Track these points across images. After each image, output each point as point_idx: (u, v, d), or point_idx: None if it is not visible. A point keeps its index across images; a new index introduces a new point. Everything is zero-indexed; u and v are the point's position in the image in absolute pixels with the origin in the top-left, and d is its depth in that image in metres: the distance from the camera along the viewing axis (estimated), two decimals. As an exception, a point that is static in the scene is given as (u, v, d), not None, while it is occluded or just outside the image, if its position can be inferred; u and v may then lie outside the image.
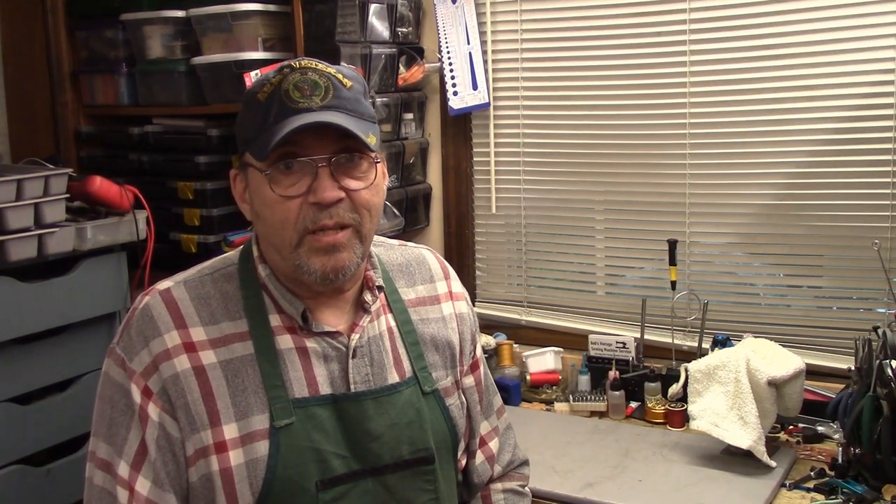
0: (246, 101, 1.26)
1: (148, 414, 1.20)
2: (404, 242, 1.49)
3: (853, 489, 1.77)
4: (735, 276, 2.43)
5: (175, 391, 1.20)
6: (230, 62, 2.38)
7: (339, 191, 1.20)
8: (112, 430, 1.22)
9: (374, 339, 1.31)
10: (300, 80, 1.21)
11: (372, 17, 2.46)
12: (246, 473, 1.19)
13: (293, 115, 1.18)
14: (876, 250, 2.05)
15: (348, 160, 1.22)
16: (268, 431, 1.21)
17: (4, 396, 1.99)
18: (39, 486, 2.05)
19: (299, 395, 1.23)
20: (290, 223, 1.21)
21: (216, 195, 2.50)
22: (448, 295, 1.45)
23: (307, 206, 1.20)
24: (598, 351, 2.40)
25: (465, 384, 1.45)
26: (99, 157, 2.73)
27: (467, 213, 2.73)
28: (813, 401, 2.10)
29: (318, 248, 1.21)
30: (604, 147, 2.52)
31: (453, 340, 1.41)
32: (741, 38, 2.27)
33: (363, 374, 1.28)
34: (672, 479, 1.89)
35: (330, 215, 1.20)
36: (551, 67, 2.56)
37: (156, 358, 1.21)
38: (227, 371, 1.22)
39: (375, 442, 1.26)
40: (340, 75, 1.24)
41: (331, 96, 1.21)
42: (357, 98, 1.24)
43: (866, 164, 2.18)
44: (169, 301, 1.25)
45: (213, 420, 1.20)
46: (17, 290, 1.99)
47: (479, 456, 1.47)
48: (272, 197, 1.21)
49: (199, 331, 1.23)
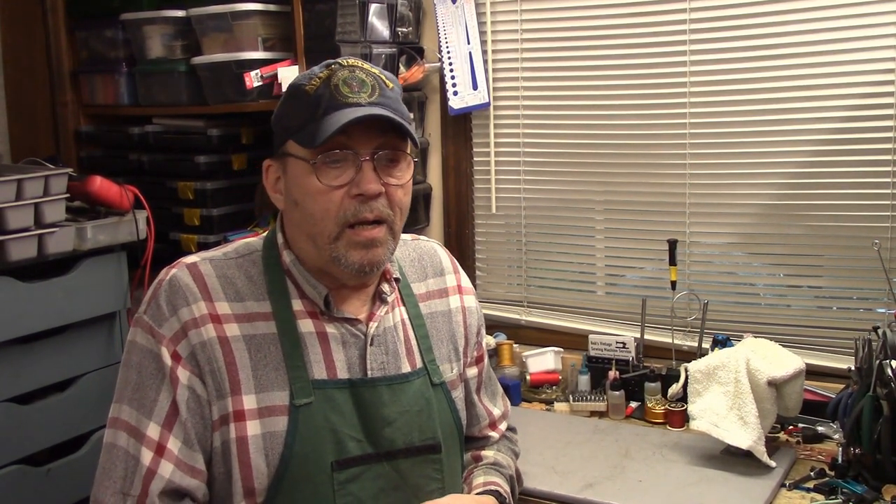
0: (291, 92, 1.30)
1: (178, 377, 1.23)
2: (416, 236, 1.54)
3: (853, 489, 1.77)
4: (735, 276, 2.43)
5: (203, 357, 1.24)
6: (230, 62, 2.38)
7: (380, 185, 1.25)
8: (140, 394, 1.24)
9: (389, 330, 1.36)
10: (349, 77, 1.25)
11: (372, 16, 2.46)
12: (262, 444, 1.23)
13: (343, 108, 1.23)
14: (876, 250, 2.05)
15: (390, 157, 1.27)
16: (287, 408, 1.24)
17: (4, 396, 1.99)
18: (39, 486, 2.05)
19: (318, 376, 1.28)
20: (331, 214, 1.25)
21: (216, 195, 2.50)
22: (456, 288, 1.50)
23: (348, 198, 1.24)
24: (598, 351, 2.40)
25: (468, 374, 1.50)
26: (99, 157, 2.73)
27: (467, 213, 2.73)
28: (813, 401, 2.10)
29: (358, 242, 1.26)
30: (604, 147, 2.52)
31: (459, 333, 1.46)
32: (741, 38, 2.27)
33: (379, 361, 1.32)
34: (672, 479, 1.89)
35: (370, 209, 1.25)
36: (551, 67, 2.56)
37: (185, 325, 1.24)
38: (249, 345, 1.26)
39: (389, 427, 1.29)
40: (384, 77, 1.29)
41: (377, 94, 1.26)
42: (398, 99, 1.30)
43: (866, 164, 2.18)
44: (196, 274, 1.29)
45: (234, 389, 1.24)
46: (17, 290, 1.99)
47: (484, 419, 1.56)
48: (317, 187, 1.24)
49: (224, 305, 1.27)
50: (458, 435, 1.41)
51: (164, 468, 1.20)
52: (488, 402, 1.56)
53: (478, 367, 1.53)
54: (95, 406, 2.14)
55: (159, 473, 1.20)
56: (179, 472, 1.21)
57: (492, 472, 1.48)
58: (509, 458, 1.56)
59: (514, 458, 1.59)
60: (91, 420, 2.16)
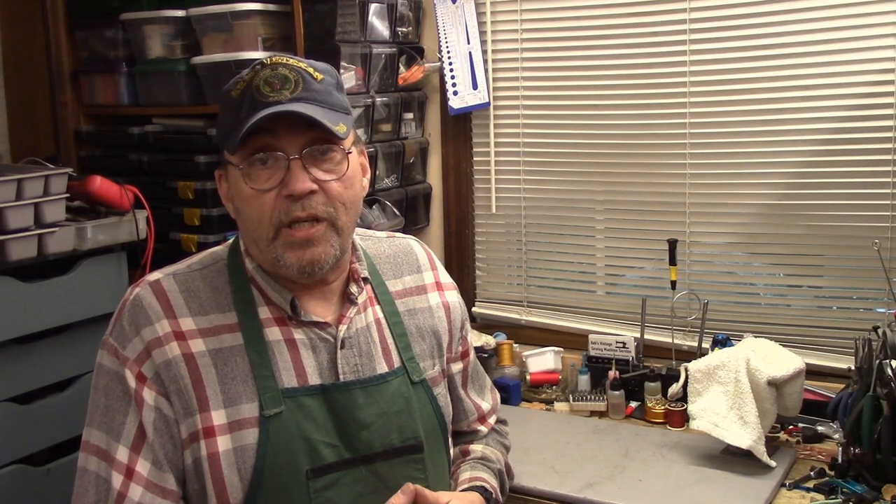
0: (221, 99, 1.29)
1: (143, 398, 1.22)
2: (392, 234, 1.52)
3: (853, 489, 1.77)
4: (735, 275, 2.43)
5: (168, 376, 1.23)
6: (230, 62, 2.37)
7: (310, 182, 1.23)
8: (108, 418, 1.24)
9: (361, 331, 1.34)
10: (270, 76, 1.23)
11: (372, 16, 2.46)
12: (234, 459, 1.22)
13: (262, 108, 1.21)
14: (876, 250, 2.05)
15: (321, 152, 1.24)
16: (257, 420, 1.23)
17: (4, 396, 1.98)
18: (39, 486, 2.05)
19: (288, 384, 1.26)
20: (265, 217, 1.24)
21: (216, 195, 2.45)
22: (435, 285, 1.48)
23: (281, 199, 1.23)
24: (598, 351, 2.40)
25: (453, 370, 1.48)
26: (99, 156, 2.73)
27: (467, 213, 2.73)
28: (813, 401, 2.10)
29: (293, 242, 1.24)
30: (604, 147, 2.52)
31: (440, 330, 1.44)
32: (741, 38, 2.27)
33: (352, 364, 1.31)
34: (672, 479, 1.89)
35: (302, 207, 1.23)
36: (551, 67, 2.56)
37: (148, 345, 1.24)
38: (215, 359, 1.25)
39: (365, 430, 1.28)
40: (311, 69, 1.26)
41: (300, 89, 1.23)
42: (328, 90, 1.26)
43: (866, 164, 2.18)
44: (159, 291, 1.28)
45: (202, 406, 1.22)
46: (17, 289, 1.99)
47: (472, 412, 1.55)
48: (247, 191, 1.24)
49: (188, 321, 1.26)
50: (442, 432, 1.39)
51: (133, 491, 1.19)
52: (476, 397, 1.55)
53: (463, 362, 1.51)
54: (95, 406, 2.14)
55: (129, 497, 1.19)
56: (150, 495, 1.20)
57: (479, 466, 1.47)
58: (498, 451, 1.55)
59: (504, 451, 1.58)
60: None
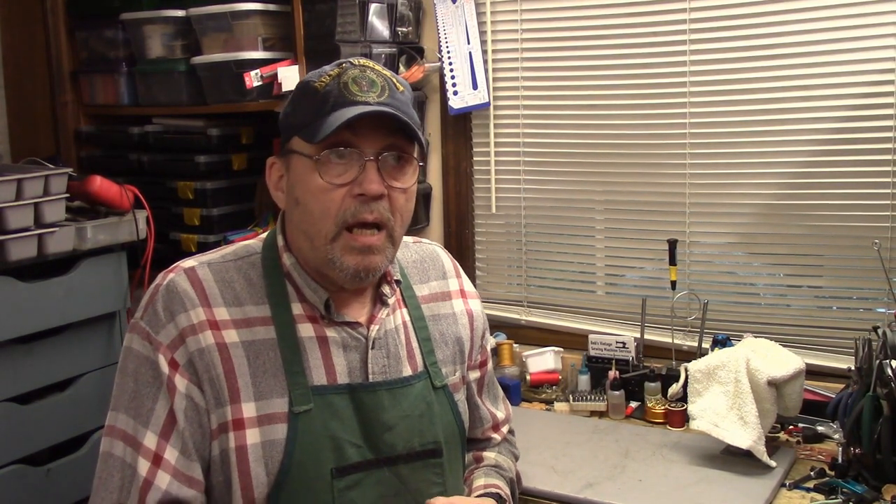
0: (300, 89, 1.28)
1: (175, 385, 1.21)
2: (419, 239, 1.53)
3: (853, 489, 1.77)
4: (735, 276, 2.43)
5: (201, 364, 1.22)
6: (230, 62, 2.38)
7: (383, 186, 1.23)
8: (137, 402, 1.22)
9: (390, 332, 1.34)
10: (359, 76, 1.24)
11: (372, 16, 2.46)
12: (262, 453, 1.21)
13: (351, 105, 1.21)
14: (876, 250, 2.05)
15: (395, 160, 1.25)
16: (286, 415, 1.23)
17: (4, 396, 1.99)
18: (39, 486, 2.05)
19: (318, 382, 1.26)
20: (331, 213, 1.23)
21: (216, 195, 2.50)
22: (460, 293, 1.49)
23: (350, 198, 1.22)
24: (598, 351, 2.40)
25: (471, 377, 1.49)
26: (99, 156, 2.73)
27: (467, 213, 2.73)
28: (813, 401, 2.10)
29: (354, 247, 1.24)
30: (604, 147, 2.51)
31: (463, 337, 1.45)
32: (741, 38, 2.27)
33: (381, 365, 1.31)
34: (672, 479, 1.89)
35: (371, 209, 1.23)
36: (551, 67, 2.56)
37: (182, 332, 1.22)
38: (248, 351, 1.24)
39: (389, 432, 1.28)
40: (395, 79, 1.28)
41: (387, 95, 1.24)
42: (408, 102, 1.28)
43: (866, 164, 2.18)
44: (194, 279, 1.27)
45: (233, 397, 1.22)
46: (17, 289, 1.99)
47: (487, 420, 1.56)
48: (318, 184, 1.22)
49: (222, 311, 1.25)
50: (461, 438, 1.40)
51: (160, 479, 1.18)
52: (490, 405, 1.56)
53: (481, 371, 1.52)
54: (95, 406, 2.14)
55: (156, 484, 1.18)
56: (177, 483, 1.19)
57: (493, 473, 1.47)
58: (510, 460, 1.56)
59: (515, 460, 1.59)
60: (91, 420, 2.16)
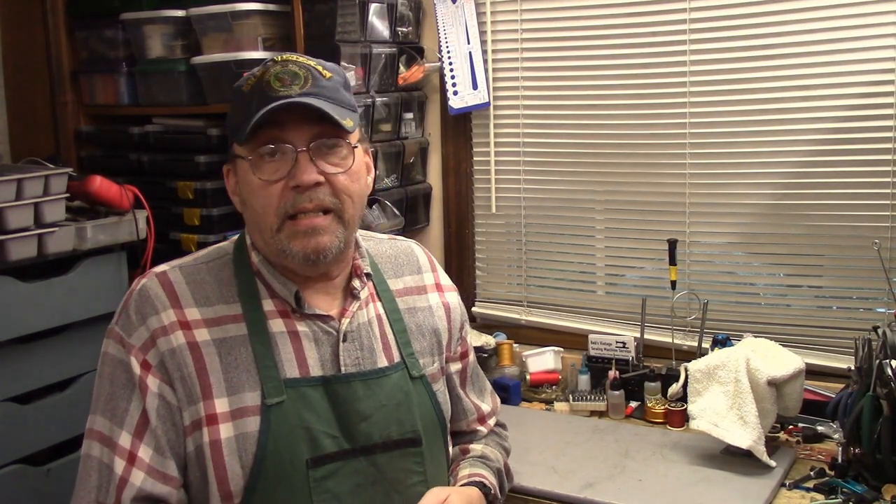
0: (232, 95, 1.33)
1: (147, 385, 1.25)
2: (393, 236, 1.56)
3: (853, 489, 1.77)
4: (735, 275, 2.43)
5: (172, 364, 1.25)
6: (230, 62, 2.38)
7: (317, 174, 1.27)
8: (112, 404, 1.26)
9: (363, 325, 1.37)
10: (280, 72, 1.27)
11: (372, 16, 2.46)
12: (235, 446, 1.24)
13: (272, 101, 1.24)
14: (876, 250, 2.05)
15: (328, 146, 1.28)
16: (259, 408, 1.26)
17: (4, 396, 1.99)
18: (39, 486, 2.05)
19: (290, 375, 1.29)
20: (271, 208, 1.27)
21: (216, 195, 2.50)
22: (435, 286, 1.52)
23: (288, 190, 1.26)
24: (598, 351, 2.40)
25: (451, 369, 1.51)
26: (99, 156, 2.73)
27: (467, 213, 2.73)
28: (813, 401, 2.10)
29: (297, 231, 1.27)
30: (604, 147, 2.52)
31: (440, 328, 1.47)
32: (741, 37, 2.27)
33: (353, 357, 1.33)
34: (672, 479, 1.89)
35: (310, 198, 1.27)
36: (551, 67, 2.56)
37: (153, 333, 1.27)
38: (220, 348, 1.28)
39: (365, 422, 1.31)
40: (320, 67, 1.30)
41: (309, 85, 1.27)
42: (336, 87, 1.30)
43: (866, 164, 2.18)
44: (165, 282, 1.31)
45: (205, 393, 1.25)
46: (17, 289, 1.99)
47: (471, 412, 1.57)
48: (255, 182, 1.27)
49: (193, 311, 1.29)
50: (441, 427, 1.42)
51: (135, 476, 1.22)
52: (475, 398, 1.57)
53: (462, 363, 1.54)
54: (95, 406, 2.14)
55: (131, 482, 1.22)
56: (151, 480, 1.23)
57: (478, 464, 1.49)
58: (498, 452, 1.56)
59: (504, 453, 1.60)
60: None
